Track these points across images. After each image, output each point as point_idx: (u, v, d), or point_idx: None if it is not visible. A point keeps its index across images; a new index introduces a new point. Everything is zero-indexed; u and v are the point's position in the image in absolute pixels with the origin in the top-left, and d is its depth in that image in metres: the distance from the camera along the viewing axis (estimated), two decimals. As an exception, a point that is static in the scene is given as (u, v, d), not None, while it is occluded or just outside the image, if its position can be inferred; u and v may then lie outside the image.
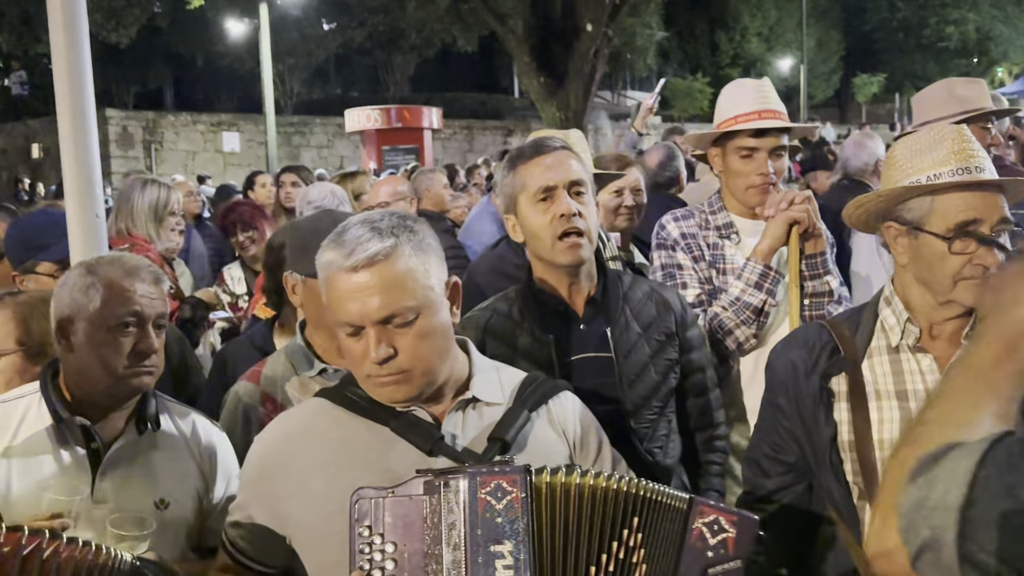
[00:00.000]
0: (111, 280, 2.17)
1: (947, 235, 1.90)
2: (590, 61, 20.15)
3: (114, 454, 2.18)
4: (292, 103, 32.29)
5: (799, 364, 2.07)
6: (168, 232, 4.41)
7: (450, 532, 1.52)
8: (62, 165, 2.69)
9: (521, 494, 1.53)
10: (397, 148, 19.22)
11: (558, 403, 1.94)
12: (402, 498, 1.54)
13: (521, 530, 1.52)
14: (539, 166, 2.34)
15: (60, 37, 2.62)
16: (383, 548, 1.52)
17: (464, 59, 35.04)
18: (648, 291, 2.50)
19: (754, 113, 2.94)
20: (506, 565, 1.50)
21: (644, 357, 2.42)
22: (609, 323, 2.40)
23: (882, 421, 1.97)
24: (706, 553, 1.58)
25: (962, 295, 1.91)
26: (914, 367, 1.99)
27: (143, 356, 2.18)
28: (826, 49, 41.26)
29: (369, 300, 1.69)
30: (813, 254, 2.84)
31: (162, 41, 29.89)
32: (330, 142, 26.72)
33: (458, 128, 28.30)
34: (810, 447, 2.05)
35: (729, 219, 3.02)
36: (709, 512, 1.61)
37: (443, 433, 1.78)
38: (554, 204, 2.31)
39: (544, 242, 2.33)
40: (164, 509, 2.20)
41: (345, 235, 1.75)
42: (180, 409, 2.38)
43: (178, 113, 26.34)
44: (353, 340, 1.74)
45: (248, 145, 25.25)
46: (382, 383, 1.74)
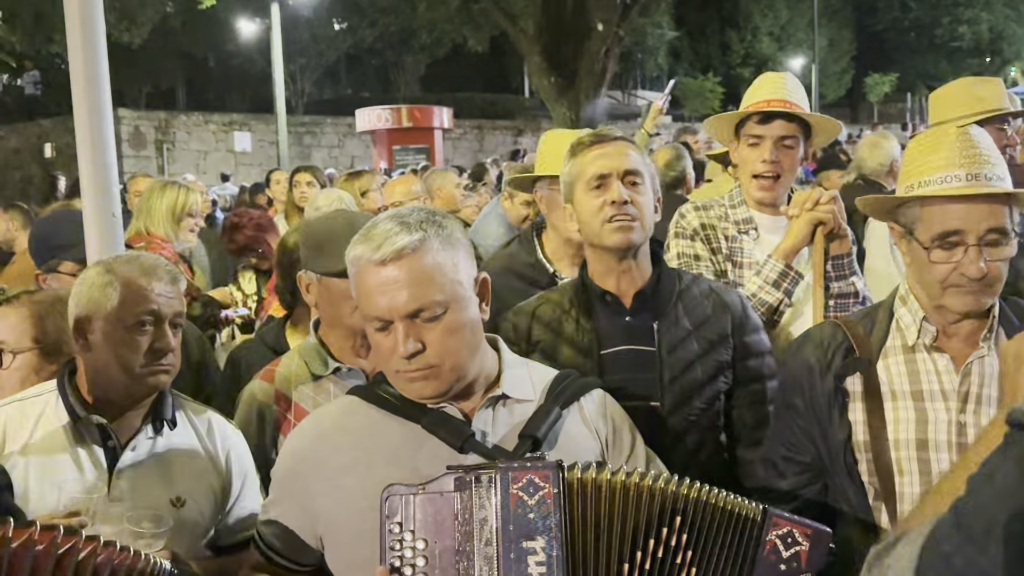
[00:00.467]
0: (128, 279, 2.19)
1: (927, 245, 1.90)
2: (601, 61, 20.16)
3: (130, 453, 2.19)
4: (303, 103, 32.36)
5: (814, 364, 2.06)
6: (185, 232, 4.51)
7: (482, 528, 1.51)
8: (79, 166, 2.70)
9: (554, 490, 1.52)
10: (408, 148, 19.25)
11: (590, 400, 1.94)
12: (433, 495, 1.54)
13: (553, 526, 1.51)
14: (595, 154, 2.36)
15: (77, 38, 2.64)
16: (414, 545, 1.52)
17: (475, 59, 35.02)
18: (707, 290, 2.46)
19: (763, 102, 2.94)
20: (539, 561, 1.49)
21: (691, 355, 2.36)
22: (657, 317, 2.37)
23: (897, 421, 1.96)
24: (779, 566, 1.56)
25: (951, 302, 1.91)
26: (930, 367, 1.98)
27: (160, 354, 2.19)
28: (837, 49, 41.12)
29: (397, 294, 1.69)
30: (839, 255, 2.81)
31: (174, 41, 29.98)
32: (341, 142, 26.76)
33: (468, 128, 28.30)
34: (825, 447, 2.04)
35: (749, 214, 3.00)
36: (783, 524, 1.58)
37: (473, 430, 1.78)
38: (606, 191, 2.32)
39: (593, 226, 2.34)
40: (180, 507, 2.21)
41: (374, 229, 1.75)
42: (196, 408, 2.39)
43: (190, 113, 26.40)
44: (382, 335, 1.74)
45: (259, 145, 25.30)
46: (411, 378, 1.74)
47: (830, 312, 2.81)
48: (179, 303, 2.26)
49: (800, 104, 2.96)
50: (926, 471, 1.93)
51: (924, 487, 1.92)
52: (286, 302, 3.11)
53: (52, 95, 28.41)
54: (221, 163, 24.40)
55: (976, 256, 1.85)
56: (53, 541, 1.51)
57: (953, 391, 1.94)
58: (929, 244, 1.90)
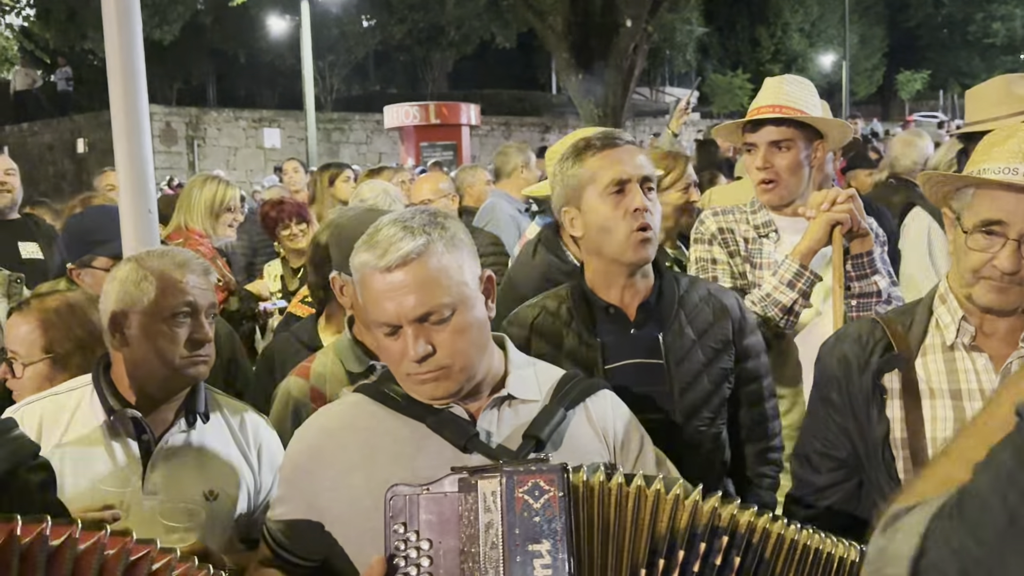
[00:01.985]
0: (163, 272, 2.21)
1: (968, 229, 1.89)
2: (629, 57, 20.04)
3: (164, 446, 2.21)
4: (332, 99, 32.52)
5: (852, 359, 2.04)
6: (224, 227, 4.54)
7: (487, 531, 1.51)
8: (115, 162, 2.73)
9: (559, 493, 1.51)
10: (435, 144, 19.29)
11: (597, 401, 1.92)
12: (436, 495, 1.54)
13: (559, 529, 1.50)
14: (611, 158, 2.27)
15: (114, 36, 2.66)
16: (418, 545, 1.52)
17: (502, 55, 35.04)
18: (705, 295, 2.42)
19: (755, 110, 2.95)
20: (544, 564, 1.48)
21: (697, 365, 2.34)
22: (662, 328, 2.34)
23: (935, 419, 1.95)
24: None
25: (979, 294, 1.89)
26: (969, 366, 1.97)
27: (198, 345, 2.22)
28: (869, 45, 40.73)
29: (405, 299, 1.70)
30: (860, 254, 2.78)
31: (205, 38, 30.26)
32: (369, 138, 26.85)
33: (496, 125, 28.30)
34: (862, 443, 2.03)
35: (768, 217, 2.99)
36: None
37: (478, 430, 1.78)
38: (627, 198, 2.24)
39: (616, 236, 2.26)
40: (213, 500, 2.23)
41: (377, 236, 1.74)
42: (229, 402, 2.41)
43: (220, 109, 26.59)
44: (391, 340, 1.74)
45: (289, 141, 25.45)
46: (422, 380, 1.74)
47: (852, 312, 2.79)
48: (212, 295, 2.29)
49: (799, 106, 2.92)
50: None
51: None
52: (319, 299, 3.13)
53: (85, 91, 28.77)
54: (251, 159, 24.57)
55: (1013, 251, 1.83)
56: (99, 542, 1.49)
57: (992, 390, 1.90)
58: (970, 229, 1.88)
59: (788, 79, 3.03)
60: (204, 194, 4.49)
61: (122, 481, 2.16)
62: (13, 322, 2.60)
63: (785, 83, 2.99)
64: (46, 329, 2.53)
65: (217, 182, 4.58)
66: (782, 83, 3.00)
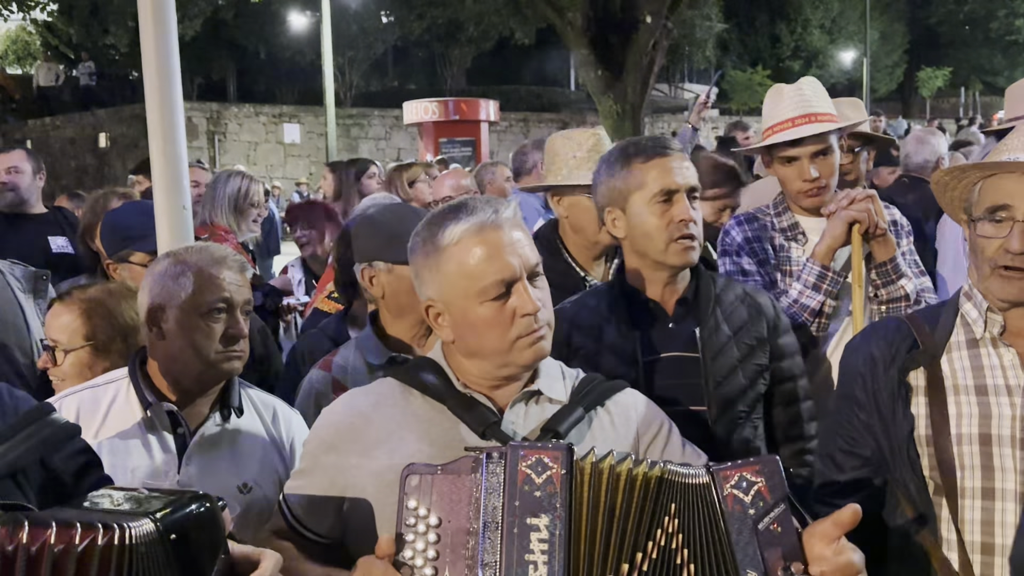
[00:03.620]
0: (201, 268, 2.24)
1: (976, 218, 1.91)
2: (648, 54, 19.96)
3: (199, 439, 2.24)
4: (351, 95, 32.60)
5: (878, 357, 2.05)
6: (249, 222, 4.56)
7: (488, 502, 1.52)
8: (151, 158, 2.76)
9: (562, 471, 1.52)
10: (454, 140, 19.28)
11: (618, 401, 1.94)
12: (450, 476, 1.55)
13: (559, 505, 1.50)
14: (661, 167, 2.33)
15: (150, 32, 2.68)
16: (428, 521, 1.54)
17: (521, 51, 34.99)
18: (741, 294, 2.47)
19: (788, 121, 2.93)
20: (541, 539, 1.49)
21: (732, 360, 2.38)
22: (699, 323, 2.38)
23: (960, 416, 1.95)
24: (748, 512, 1.53)
25: (994, 286, 1.90)
26: (995, 362, 1.96)
27: (234, 340, 2.25)
28: (890, 42, 40.41)
29: (524, 252, 1.79)
30: (883, 262, 2.78)
31: (226, 33, 30.41)
32: (388, 134, 26.92)
33: (514, 121, 28.29)
34: (887, 441, 2.03)
35: (794, 220, 2.99)
36: (731, 474, 1.56)
37: (502, 420, 1.81)
38: (673, 208, 2.31)
39: (657, 244, 2.33)
40: (247, 493, 2.25)
41: (472, 205, 1.81)
42: (262, 396, 2.44)
43: (241, 105, 26.73)
44: (497, 305, 1.76)
45: (308, 137, 25.56)
46: (535, 339, 1.78)
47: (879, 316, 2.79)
48: (248, 291, 2.32)
49: (825, 110, 2.93)
50: (988, 466, 1.91)
51: (986, 482, 1.91)
52: (347, 296, 3.16)
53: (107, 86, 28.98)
54: (271, 154, 24.72)
55: (1021, 232, 1.84)
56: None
57: (1018, 387, 1.92)
58: (979, 217, 1.91)
59: (804, 84, 3.02)
60: (228, 190, 4.48)
61: (158, 474, 2.19)
62: (55, 311, 2.64)
63: (805, 90, 2.99)
64: (88, 317, 2.56)
65: (241, 177, 4.57)
66: (803, 90, 2.99)
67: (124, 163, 20.12)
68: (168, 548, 1.43)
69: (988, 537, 1.90)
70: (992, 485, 1.90)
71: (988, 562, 1.90)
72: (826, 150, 2.91)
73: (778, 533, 1.52)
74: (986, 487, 1.90)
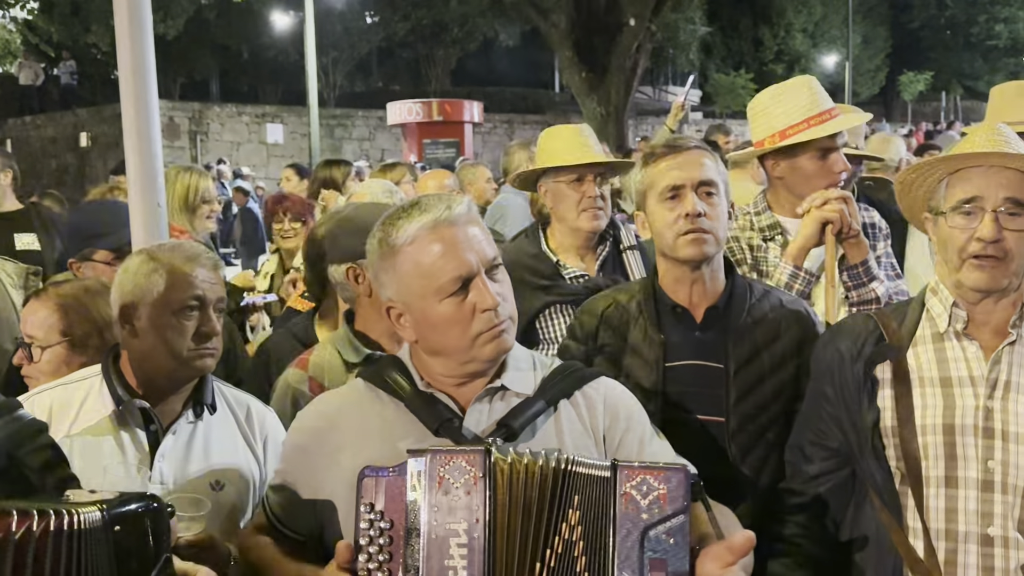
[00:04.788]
0: (174, 266, 2.24)
1: (946, 211, 1.97)
2: (632, 56, 20.06)
3: (172, 436, 2.25)
4: (335, 95, 32.52)
5: (845, 352, 2.10)
6: (202, 220, 4.39)
7: (413, 509, 1.55)
8: (126, 156, 2.75)
9: (479, 473, 1.54)
10: (438, 142, 19.33)
11: (588, 392, 1.91)
12: (397, 477, 1.58)
13: (476, 508, 1.52)
14: (668, 164, 2.36)
15: (125, 31, 2.69)
16: (381, 525, 1.57)
17: (506, 53, 35.05)
18: (777, 304, 2.43)
19: (825, 113, 2.92)
20: (460, 543, 1.51)
21: (760, 373, 2.34)
22: (727, 332, 2.36)
23: (925, 407, 2.00)
24: (641, 516, 1.53)
25: (966, 276, 1.95)
26: (959, 354, 2.02)
27: (206, 338, 2.25)
28: (872, 46, 40.67)
29: (480, 247, 1.78)
30: (855, 264, 2.78)
31: (209, 33, 30.25)
32: (372, 135, 26.87)
33: (499, 122, 28.30)
34: (853, 432, 2.08)
35: (773, 219, 3.00)
36: (635, 474, 1.55)
37: (458, 416, 1.82)
38: (680, 203, 2.33)
39: (667, 238, 2.35)
40: (219, 490, 2.26)
41: (425, 203, 1.82)
42: (236, 394, 2.44)
43: (224, 104, 26.62)
44: (456, 300, 1.76)
45: (291, 137, 25.47)
46: (496, 333, 1.78)
47: None
48: (221, 289, 2.32)
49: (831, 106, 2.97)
50: (951, 455, 1.96)
51: (949, 471, 1.96)
52: (314, 295, 3.14)
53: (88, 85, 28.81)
54: (253, 154, 24.61)
55: (992, 220, 1.91)
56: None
57: (982, 378, 1.98)
58: (949, 211, 1.96)
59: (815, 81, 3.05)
60: (178, 189, 4.28)
61: (130, 470, 2.19)
62: (31, 308, 2.63)
63: (814, 85, 3.01)
64: (64, 312, 2.56)
65: (190, 174, 4.38)
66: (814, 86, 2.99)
67: (105, 162, 20.01)
68: (110, 538, 1.49)
69: (952, 524, 1.96)
70: (955, 473, 1.95)
71: (952, 548, 1.96)
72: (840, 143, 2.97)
73: (669, 544, 1.51)
74: (949, 475, 1.96)
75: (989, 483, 1.93)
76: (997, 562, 1.92)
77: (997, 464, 1.93)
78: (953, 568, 1.95)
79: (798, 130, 2.90)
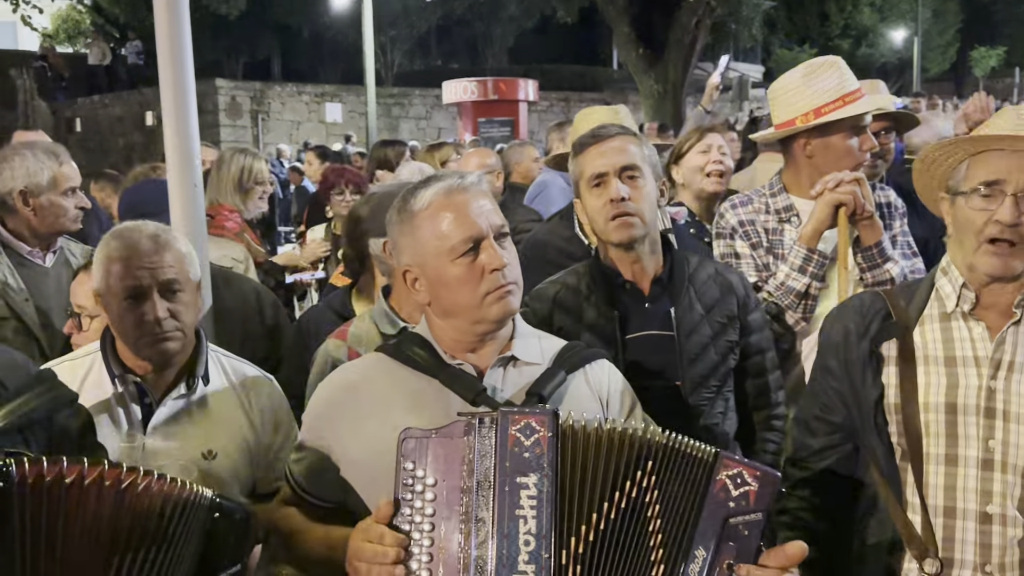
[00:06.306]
0: (111, 256, 2.28)
1: (966, 191, 1.96)
2: (691, 32, 19.75)
3: (164, 409, 2.31)
4: (393, 74, 32.70)
5: (851, 329, 2.12)
6: (254, 200, 4.60)
7: (482, 464, 1.64)
8: (164, 135, 2.83)
9: (548, 433, 1.64)
10: (493, 120, 19.33)
11: (595, 369, 2.07)
12: (444, 439, 1.66)
13: (546, 465, 1.63)
14: (593, 154, 2.49)
15: (163, 12, 2.76)
16: (425, 481, 1.65)
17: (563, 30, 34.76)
18: (713, 273, 2.58)
19: (857, 91, 2.94)
20: (530, 495, 1.62)
21: (705, 338, 2.49)
22: (673, 303, 2.50)
23: (928, 385, 2.01)
24: (728, 504, 1.64)
25: (981, 261, 1.95)
26: (965, 334, 2.02)
27: (152, 326, 2.25)
28: (942, 20, 39.45)
29: (490, 215, 1.92)
30: (869, 245, 2.80)
31: (270, 13, 30.61)
32: (428, 113, 26.99)
33: (555, 100, 28.17)
34: (857, 408, 2.10)
35: (789, 201, 3.01)
36: (733, 466, 1.67)
37: (485, 386, 1.92)
38: (605, 190, 2.45)
39: (598, 224, 2.49)
40: (212, 460, 2.32)
41: (440, 175, 1.98)
42: (234, 364, 2.49)
43: (284, 84, 26.95)
44: (467, 261, 1.89)
45: (350, 116, 25.70)
46: (503, 294, 1.90)
47: None
48: (171, 270, 2.29)
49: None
50: (952, 433, 1.98)
51: (949, 449, 1.98)
52: (353, 270, 3.22)
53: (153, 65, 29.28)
54: (313, 133, 24.88)
55: (1012, 204, 1.90)
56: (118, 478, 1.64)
57: (986, 358, 1.98)
58: (969, 191, 1.96)
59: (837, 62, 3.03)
60: (232, 170, 4.51)
61: (125, 443, 2.27)
62: (79, 280, 2.75)
63: (843, 64, 3.01)
64: None
65: (245, 156, 4.59)
66: (839, 64, 3.01)
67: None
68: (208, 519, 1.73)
69: (951, 502, 1.98)
70: (956, 452, 1.97)
71: (950, 524, 1.98)
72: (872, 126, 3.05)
73: (743, 535, 1.64)
74: (950, 454, 1.98)
75: (989, 462, 1.94)
76: (995, 539, 1.94)
77: (998, 444, 1.94)
78: (951, 544, 1.98)
79: (833, 108, 2.87)
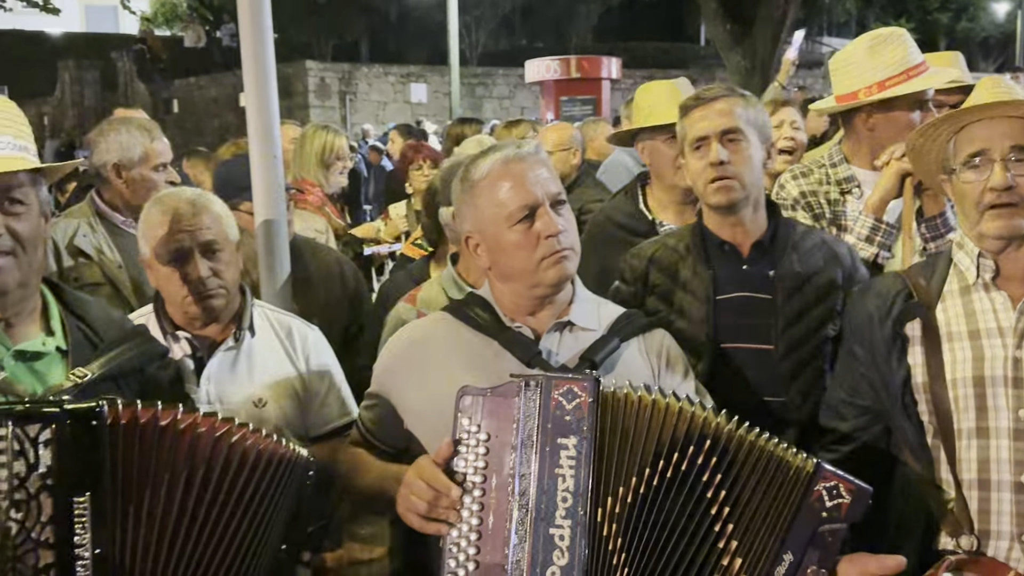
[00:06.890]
0: (152, 223, 2.44)
1: (957, 168, 2.00)
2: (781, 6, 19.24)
3: (215, 361, 2.47)
4: (477, 54, 32.81)
5: (874, 312, 2.14)
6: (335, 175, 4.84)
7: (527, 424, 1.74)
8: (246, 110, 2.98)
9: (589, 399, 1.73)
10: (575, 99, 19.22)
11: (650, 337, 2.13)
12: (497, 398, 1.77)
13: (586, 428, 1.72)
14: (695, 117, 2.50)
15: (245, -3, 2.91)
16: (478, 435, 1.77)
17: (649, 7, 34.35)
18: (819, 242, 2.56)
19: (922, 64, 2.93)
20: (569, 456, 1.71)
21: (804, 304, 2.47)
22: (773, 266, 2.49)
23: (955, 361, 2.02)
24: (821, 514, 1.72)
25: (987, 226, 1.96)
26: (987, 306, 2.02)
27: (197, 285, 2.41)
28: (1051, -10, 37.47)
29: (546, 183, 2.01)
30: (932, 216, 2.77)
31: (359, -5, 31.03)
32: (511, 93, 27.00)
33: (639, 78, 27.64)
34: (885, 391, 2.11)
35: (850, 172, 2.99)
36: (832, 478, 1.74)
37: (541, 349, 2.01)
38: (706, 153, 2.46)
39: (699, 187, 2.51)
40: (262, 407, 2.47)
41: (500, 146, 2.07)
42: (279, 316, 2.64)
43: (371, 65, 27.31)
44: (523, 228, 1.98)
45: (435, 96, 25.93)
46: (558, 259, 1.99)
47: None
48: (209, 232, 2.43)
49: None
50: (982, 407, 1.98)
51: (980, 422, 1.98)
52: (431, 240, 3.38)
53: (247, 48, 29.99)
54: (399, 114, 25.18)
55: (1001, 169, 1.93)
56: (213, 425, 1.80)
57: (1010, 328, 1.98)
58: (960, 167, 1.99)
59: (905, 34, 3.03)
60: (314, 145, 4.75)
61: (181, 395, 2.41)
62: None
63: (908, 36, 3.01)
64: None
65: (326, 132, 4.83)
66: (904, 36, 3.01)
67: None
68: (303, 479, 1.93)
69: (984, 474, 1.98)
70: (986, 424, 1.97)
71: (985, 497, 1.98)
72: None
73: (828, 542, 1.72)
74: (980, 427, 1.98)
75: (1021, 431, 1.94)
76: None
77: None
78: (987, 516, 1.98)
79: (897, 81, 2.86)
